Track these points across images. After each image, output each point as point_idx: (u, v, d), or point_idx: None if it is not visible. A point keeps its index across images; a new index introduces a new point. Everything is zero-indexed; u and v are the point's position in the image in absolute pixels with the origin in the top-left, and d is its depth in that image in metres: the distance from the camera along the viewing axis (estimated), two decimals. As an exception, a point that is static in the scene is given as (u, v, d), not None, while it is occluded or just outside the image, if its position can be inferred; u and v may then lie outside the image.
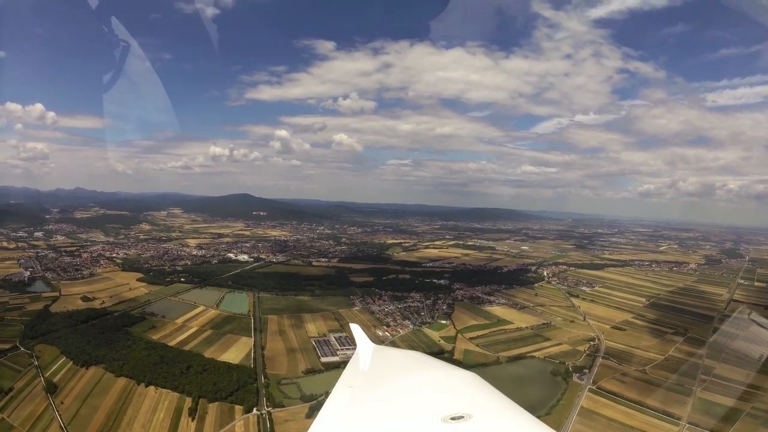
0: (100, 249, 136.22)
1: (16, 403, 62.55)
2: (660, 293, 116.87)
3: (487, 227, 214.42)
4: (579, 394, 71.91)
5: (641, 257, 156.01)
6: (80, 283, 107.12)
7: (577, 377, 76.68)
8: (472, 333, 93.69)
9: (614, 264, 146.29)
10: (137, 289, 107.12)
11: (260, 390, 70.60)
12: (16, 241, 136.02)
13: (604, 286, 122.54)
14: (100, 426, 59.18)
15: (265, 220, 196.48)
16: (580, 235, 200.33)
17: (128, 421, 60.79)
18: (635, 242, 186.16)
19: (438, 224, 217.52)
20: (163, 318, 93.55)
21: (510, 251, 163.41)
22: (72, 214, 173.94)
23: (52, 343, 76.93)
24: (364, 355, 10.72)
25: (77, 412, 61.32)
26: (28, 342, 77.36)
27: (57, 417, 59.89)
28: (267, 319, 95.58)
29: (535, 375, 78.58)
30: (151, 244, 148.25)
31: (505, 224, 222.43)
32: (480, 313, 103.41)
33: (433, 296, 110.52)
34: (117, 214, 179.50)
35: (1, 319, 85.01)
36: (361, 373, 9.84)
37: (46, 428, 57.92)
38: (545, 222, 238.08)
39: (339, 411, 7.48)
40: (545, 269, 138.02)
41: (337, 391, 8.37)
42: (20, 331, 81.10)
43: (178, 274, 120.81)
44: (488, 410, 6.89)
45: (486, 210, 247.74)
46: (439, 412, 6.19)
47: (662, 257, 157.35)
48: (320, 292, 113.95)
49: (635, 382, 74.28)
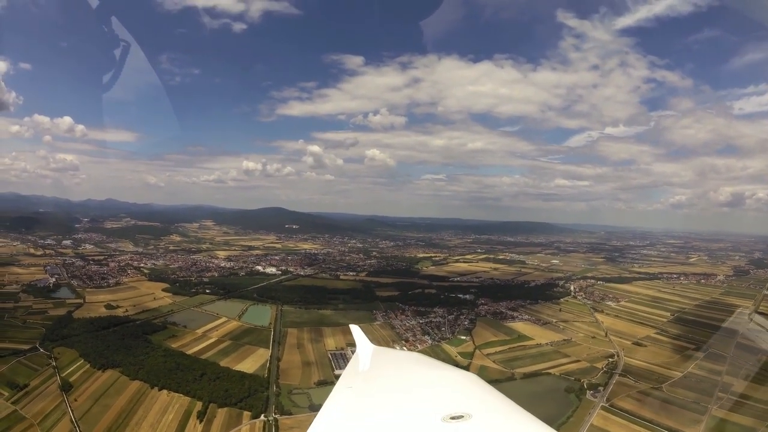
0: (128, 259, 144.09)
1: (29, 399, 68.50)
2: (685, 307, 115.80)
3: (519, 241, 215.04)
4: (591, 411, 72.96)
5: (670, 270, 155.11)
6: (105, 291, 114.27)
7: (591, 394, 77.71)
8: (491, 349, 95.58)
9: (642, 277, 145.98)
10: (161, 299, 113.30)
11: (270, 398, 75.01)
12: (44, 248, 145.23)
13: (630, 301, 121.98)
14: (109, 423, 64.55)
15: (297, 234, 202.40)
16: (612, 247, 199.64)
17: (137, 421, 65.88)
18: (665, 254, 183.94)
19: (471, 238, 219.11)
20: (184, 328, 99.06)
21: (540, 265, 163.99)
22: (102, 224, 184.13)
23: (71, 346, 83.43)
24: (363, 355, 11.26)
25: (89, 409, 66.97)
26: (47, 344, 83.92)
27: (69, 412, 65.84)
28: (287, 332, 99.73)
29: (548, 392, 79.88)
30: (179, 255, 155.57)
31: (538, 238, 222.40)
32: (501, 329, 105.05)
33: (456, 311, 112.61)
34: (148, 225, 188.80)
35: (23, 322, 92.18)
36: (360, 373, 10.38)
37: (57, 422, 63.76)
38: (578, 235, 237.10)
39: (338, 411, 7.79)
40: (573, 283, 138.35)
41: (336, 391, 8.68)
42: (41, 333, 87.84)
43: (204, 285, 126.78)
44: (488, 410, 7.16)
45: (519, 224, 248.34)
46: (439, 412, 6.39)
47: (691, 269, 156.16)
48: (344, 306, 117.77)
49: (650, 400, 74.89)
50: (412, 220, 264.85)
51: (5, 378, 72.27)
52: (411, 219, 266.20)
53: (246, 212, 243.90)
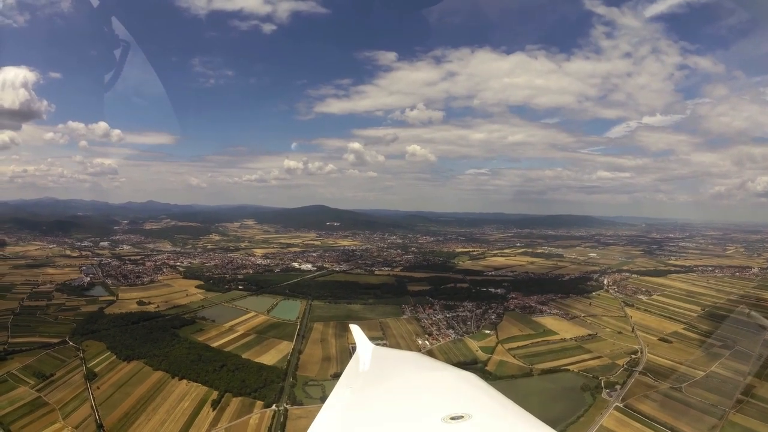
0: (165, 258, 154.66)
1: (54, 387, 78.04)
2: (717, 301, 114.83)
3: (560, 234, 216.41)
4: (603, 411, 74.30)
5: (706, 262, 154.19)
6: (138, 288, 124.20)
7: (607, 393, 79.20)
8: (513, 344, 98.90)
9: (678, 270, 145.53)
10: (193, 296, 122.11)
11: (285, 389, 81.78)
12: (81, 250, 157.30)
13: (662, 294, 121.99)
14: (127, 409, 73.04)
15: (337, 231, 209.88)
16: (651, 240, 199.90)
17: (154, 407, 74.08)
18: (703, 246, 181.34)
19: (512, 232, 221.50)
20: (213, 322, 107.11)
21: (576, 258, 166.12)
22: (141, 226, 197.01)
23: (100, 340, 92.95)
24: (363, 355, 11.78)
25: (110, 396, 75.91)
26: (77, 338, 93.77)
27: (90, 398, 74.84)
28: (312, 327, 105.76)
29: (563, 389, 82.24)
30: (217, 254, 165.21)
31: (579, 231, 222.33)
32: (528, 324, 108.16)
33: (485, 306, 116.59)
34: (188, 226, 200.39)
35: (55, 318, 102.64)
36: (360, 373, 10.83)
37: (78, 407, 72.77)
38: (619, 228, 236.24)
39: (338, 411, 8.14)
40: (607, 277, 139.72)
41: (336, 391, 9.06)
42: (71, 328, 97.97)
43: (238, 282, 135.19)
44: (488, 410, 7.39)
45: (561, 217, 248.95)
46: (439, 412, 6.57)
47: (727, 262, 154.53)
48: (374, 300, 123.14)
49: (667, 401, 75.55)
50: (456, 215, 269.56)
51: (33, 369, 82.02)
52: (455, 214, 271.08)
53: (288, 211, 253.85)
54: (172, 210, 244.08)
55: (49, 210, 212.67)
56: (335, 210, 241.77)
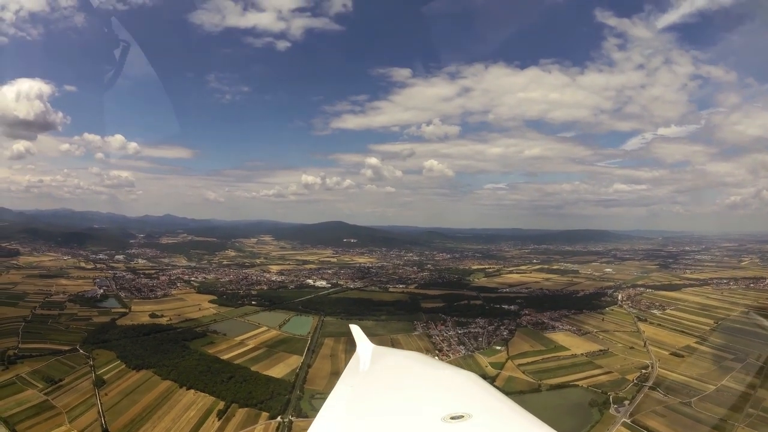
0: (180, 273, 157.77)
1: (62, 391, 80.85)
2: (731, 314, 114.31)
3: (577, 249, 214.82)
4: (610, 427, 74.89)
5: (721, 274, 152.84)
6: (151, 302, 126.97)
7: (615, 409, 79.76)
8: (524, 359, 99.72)
9: (693, 284, 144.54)
10: (206, 310, 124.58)
11: (291, 401, 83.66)
12: (95, 262, 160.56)
13: (676, 309, 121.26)
14: (133, 416, 75.64)
15: (354, 247, 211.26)
16: (667, 254, 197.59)
17: (160, 415, 76.61)
18: (719, 258, 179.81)
19: (529, 248, 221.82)
20: (224, 335, 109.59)
21: (592, 274, 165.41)
22: (158, 240, 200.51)
23: (110, 349, 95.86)
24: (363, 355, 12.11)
25: (117, 403, 78.67)
26: (87, 347, 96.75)
27: (98, 404, 77.53)
28: (323, 342, 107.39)
29: (570, 405, 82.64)
30: (232, 270, 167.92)
31: (596, 246, 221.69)
32: (540, 340, 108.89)
33: (497, 322, 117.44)
34: (204, 241, 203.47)
35: (66, 327, 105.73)
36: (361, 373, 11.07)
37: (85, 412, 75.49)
38: (636, 242, 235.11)
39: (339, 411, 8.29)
40: (621, 292, 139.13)
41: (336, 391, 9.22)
42: (82, 337, 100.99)
43: (251, 297, 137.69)
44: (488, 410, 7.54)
45: (579, 232, 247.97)
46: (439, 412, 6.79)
47: (741, 273, 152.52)
48: (386, 317, 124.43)
49: (676, 416, 75.77)
50: (474, 231, 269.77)
51: (42, 373, 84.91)
52: (472, 230, 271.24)
53: (306, 226, 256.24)
54: (189, 224, 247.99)
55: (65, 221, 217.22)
56: (353, 226, 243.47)
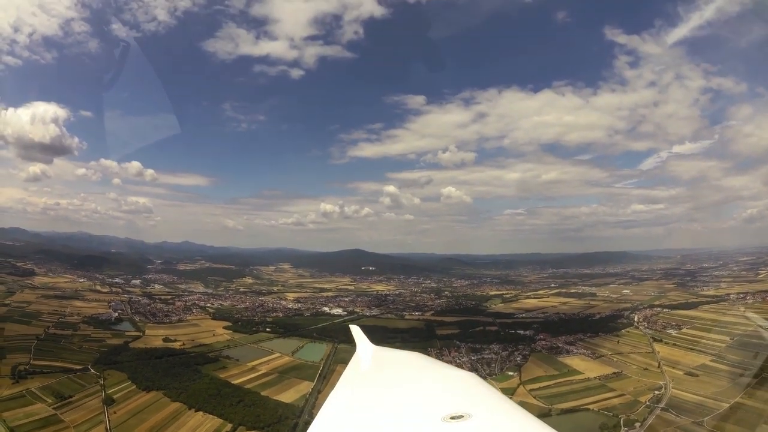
0: (196, 299, 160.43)
1: (71, 407, 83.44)
2: (747, 329, 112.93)
3: (596, 272, 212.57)
4: None
5: (738, 289, 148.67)
6: (166, 326, 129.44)
7: (626, 431, 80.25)
8: (535, 384, 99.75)
9: (709, 301, 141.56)
10: (220, 336, 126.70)
11: (299, 424, 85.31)
12: (111, 286, 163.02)
13: (692, 327, 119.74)
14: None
15: (372, 275, 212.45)
16: (685, 272, 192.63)
17: (167, 435, 78.87)
18: (736, 273, 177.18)
19: (548, 272, 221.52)
20: (236, 361, 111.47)
21: (610, 296, 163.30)
22: (175, 266, 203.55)
23: (121, 370, 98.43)
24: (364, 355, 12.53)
25: (125, 421, 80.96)
26: (99, 367, 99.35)
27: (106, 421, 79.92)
28: (335, 369, 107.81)
29: (580, 429, 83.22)
30: (248, 297, 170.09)
31: (615, 268, 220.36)
32: (553, 364, 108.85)
33: (512, 348, 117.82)
34: (222, 268, 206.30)
35: (79, 347, 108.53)
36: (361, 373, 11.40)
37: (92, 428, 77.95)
38: (655, 261, 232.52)
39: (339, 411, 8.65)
40: (637, 313, 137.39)
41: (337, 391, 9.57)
42: (94, 357, 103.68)
43: (266, 324, 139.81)
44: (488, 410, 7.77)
45: (598, 254, 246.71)
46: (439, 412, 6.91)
47: (758, 287, 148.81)
48: (400, 344, 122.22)
49: None
50: (493, 257, 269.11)
51: (52, 389, 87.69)
52: (492, 256, 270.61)
53: (325, 255, 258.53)
54: (207, 251, 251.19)
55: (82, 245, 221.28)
56: (372, 254, 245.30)
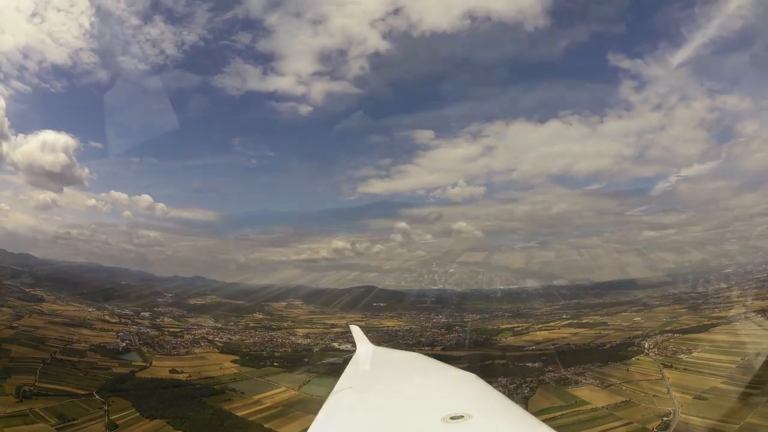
0: (205, 332, 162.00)
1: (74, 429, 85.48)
2: (759, 347, 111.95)
3: (608, 301, 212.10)
4: None
5: (749, 308, 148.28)
6: (173, 358, 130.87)
7: None
8: (542, 416, 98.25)
9: (721, 322, 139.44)
10: (227, 369, 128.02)
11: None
12: (120, 316, 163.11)
13: (703, 350, 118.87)
14: (141, 460, 79.63)
15: (384, 311, 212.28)
16: (697, 295, 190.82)
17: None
18: (747, 292, 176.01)
19: (560, 304, 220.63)
20: (242, 394, 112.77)
21: (621, 324, 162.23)
22: (186, 300, 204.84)
23: (126, 398, 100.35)
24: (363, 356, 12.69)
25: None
26: (104, 393, 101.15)
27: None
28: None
29: None
30: (258, 332, 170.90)
31: (627, 296, 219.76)
32: (561, 395, 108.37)
33: (519, 380, 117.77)
34: (232, 303, 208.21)
35: (85, 374, 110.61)
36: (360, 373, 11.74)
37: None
38: (667, 287, 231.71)
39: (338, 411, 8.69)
40: (648, 340, 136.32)
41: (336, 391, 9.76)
42: (100, 384, 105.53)
43: (275, 359, 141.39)
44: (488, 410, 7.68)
45: (610, 283, 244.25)
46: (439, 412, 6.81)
47: None
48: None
49: None
50: (506, 290, 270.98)
51: (55, 411, 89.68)
52: (506, 290, 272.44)
53: (337, 291, 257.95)
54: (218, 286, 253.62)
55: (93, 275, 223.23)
56: (383, 290, 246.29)
